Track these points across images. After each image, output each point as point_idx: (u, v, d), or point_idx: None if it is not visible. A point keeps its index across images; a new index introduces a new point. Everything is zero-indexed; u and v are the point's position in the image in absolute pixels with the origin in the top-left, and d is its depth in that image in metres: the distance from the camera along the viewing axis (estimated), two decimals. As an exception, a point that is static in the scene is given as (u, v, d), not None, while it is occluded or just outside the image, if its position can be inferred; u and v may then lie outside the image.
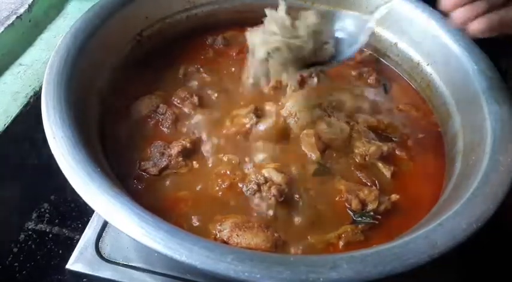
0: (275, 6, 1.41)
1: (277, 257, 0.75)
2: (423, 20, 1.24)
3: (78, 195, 0.79)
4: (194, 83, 1.24)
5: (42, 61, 1.36)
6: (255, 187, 0.97)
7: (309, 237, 0.92)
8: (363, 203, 0.98)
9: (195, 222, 0.94)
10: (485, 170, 0.89)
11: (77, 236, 1.16)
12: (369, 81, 1.31)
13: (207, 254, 0.71)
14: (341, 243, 0.92)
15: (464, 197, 0.84)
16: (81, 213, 1.23)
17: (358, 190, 1.00)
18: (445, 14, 1.20)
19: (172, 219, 0.92)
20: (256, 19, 1.43)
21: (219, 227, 0.92)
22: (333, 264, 0.71)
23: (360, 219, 0.97)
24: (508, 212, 0.85)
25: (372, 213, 0.97)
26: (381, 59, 1.40)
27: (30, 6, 1.44)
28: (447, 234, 0.77)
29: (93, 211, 0.85)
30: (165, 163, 1.02)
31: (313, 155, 1.06)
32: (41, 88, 0.94)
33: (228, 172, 1.02)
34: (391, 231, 0.93)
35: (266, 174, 0.98)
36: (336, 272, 0.70)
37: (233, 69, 1.30)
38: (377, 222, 0.97)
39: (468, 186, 0.87)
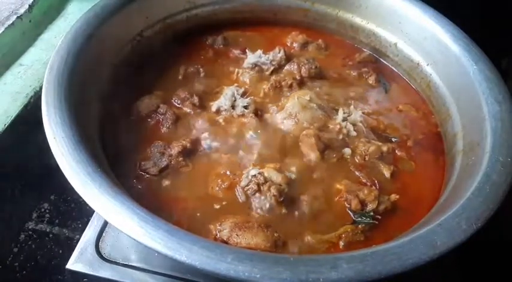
0: (275, 6, 1.44)
1: (277, 257, 0.75)
2: (423, 20, 1.24)
3: (78, 195, 0.79)
4: (194, 83, 1.24)
5: (43, 61, 1.36)
6: (255, 187, 0.97)
7: (309, 237, 0.92)
8: (363, 203, 0.98)
9: (195, 222, 0.94)
10: (485, 170, 0.89)
11: (77, 236, 1.16)
12: (369, 81, 1.31)
13: (206, 253, 0.71)
14: (341, 243, 0.92)
15: (464, 197, 0.84)
16: (81, 213, 1.23)
17: (358, 190, 1.00)
18: (444, 14, 1.22)
19: (172, 219, 0.92)
20: (256, 19, 1.45)
21: (219, 227, 0.92)
22: (333, 264, 0.71)
23: (360, 219, 0.97)
24: (507, 212, 0.85)
25: (371, 213, 0.97)
26: (381, 59, 1.40)
27: (30, 6, 1.44)
28: (447, 234, 0.77)
29: (93, 211, 0.85)
30: (165, 163, 1.02)
31: (313, 155, 1.06)
32: (41, 88, 0.94)
33: (228, 172, 1.02)
34: (391, 231, 0.94)
35: (266, 174, 0.98)
36: (335, 272, 0.70)
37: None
38: (377, 222, 0.97)
39: (468, 186, 0.87)
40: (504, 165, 0.89)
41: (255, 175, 0.98)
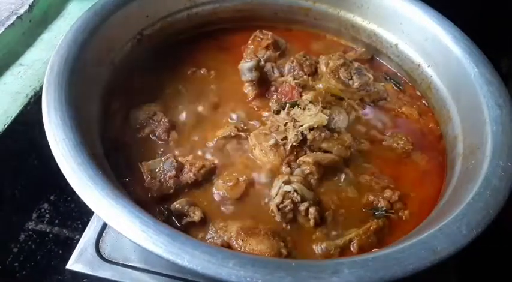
0: (276, 6, 1.43)
1: (278, 262, 0.75)
2: (424, 21, 1.24)
3: (78, 196, 0.79)
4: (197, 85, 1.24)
5: (43, 61, 1.36)
6: (290, 206, 0.95)
7: (319, 243, 0.93)
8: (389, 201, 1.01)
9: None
10: (486, 174, 0.89)
11: (77, 236, 1.17)
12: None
13: (208, 258, 0.71)
14: (354, 246, 0.93)
15: (464, 202, 0.84)
16: (81, 213, 1.23)
17: (380, 193, 1.03)
18: (444, 14, 1.22)
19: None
20: (256, 18, 1.45)
21: (224, 228, 0.93)
22: (334, 269, 0.71)
23: (379, 213, 0.99)
24: (507, 214, 0.85)
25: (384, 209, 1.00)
26: (382, 60, 1.40)
27: (30, 6, 1.43)
28: (447, 239, 0.77)
29: (93, 211, 0.85)
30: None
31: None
32: (41, 88, 0.94)
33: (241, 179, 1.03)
34: (399, 234, 0.95)
35: (300, 192, 0.96)
36: (337, 277, 0.70)
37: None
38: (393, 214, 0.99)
39: (468, 191, 0.87)
40: (505, 169, 0.89)
41: (289, 191, 0.96)
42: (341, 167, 1.07)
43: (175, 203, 0.97)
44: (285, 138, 1.05)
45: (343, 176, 1.06)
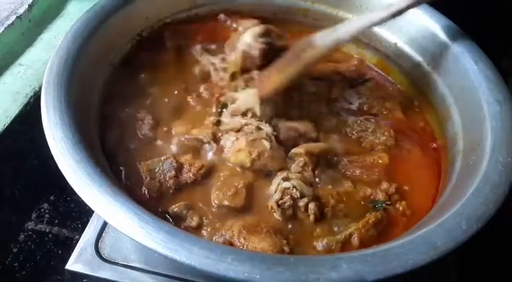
0: (275, 6, 1.44)
1: (277, 257, 0.75)
2: (423, 19, 1.23)
3: (77, 195, 0.79)
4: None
5: (42, 61, 1.36)
6: (289, 202, 0.95)
7: (321, 239, 0.93)
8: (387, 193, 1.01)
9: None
10: (486, 170, 0.88)
11: (77, 236, 1.16)
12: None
13: (206, 254, 0.70)
14: (355, 241, 0.92)
15: (464, 197, 0.84)
16: (81, 213, 1.24)
17: (376, 186, 1.03)
18: (444, 13, 1.22)
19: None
20: (255, 18, 1.45)
21: (225, 227, 0.92)
22: (333, 264, 0.71)
23: (379, 205, 0.99)
24: (508, 211, 0.85)
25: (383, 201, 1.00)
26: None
27: (30, 6, 1.44)
28: (447, 234, 0.77)
29: (93, 211, 0.86)
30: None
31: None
32: (40, 88, 0.94)
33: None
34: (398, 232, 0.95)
35: (299, 188, 0.96)
36: (335, 272, 0.70)
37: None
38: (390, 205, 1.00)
39: (468, 187, 0.87)
40: (504, 165, 0.88)
41: (288, 188, 0.96)
42: (335, 161, 1.07)
43: (173, 206, 0.95)
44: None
45: (339, 172, 1.06)
